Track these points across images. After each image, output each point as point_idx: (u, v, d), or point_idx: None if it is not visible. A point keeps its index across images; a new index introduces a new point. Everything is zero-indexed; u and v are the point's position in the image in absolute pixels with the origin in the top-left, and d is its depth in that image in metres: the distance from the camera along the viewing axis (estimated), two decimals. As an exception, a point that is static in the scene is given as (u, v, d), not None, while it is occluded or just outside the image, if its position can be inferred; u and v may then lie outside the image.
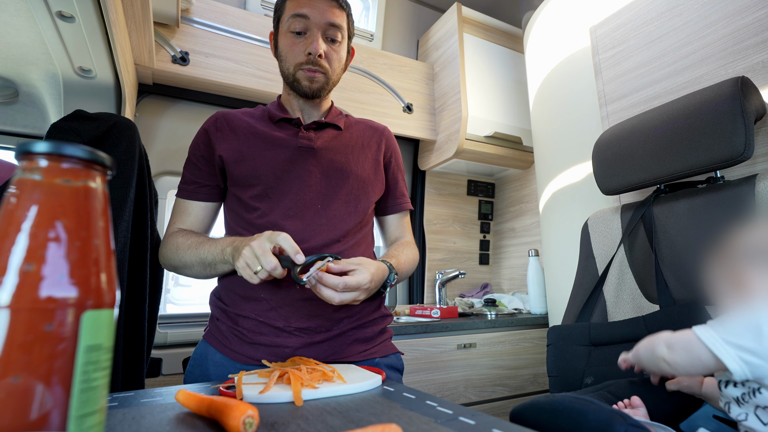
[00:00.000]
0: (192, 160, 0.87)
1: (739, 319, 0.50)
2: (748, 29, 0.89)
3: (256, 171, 0.83)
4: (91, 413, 0.28)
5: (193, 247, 0.79)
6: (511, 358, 1.59)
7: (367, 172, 0.91)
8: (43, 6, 0.74)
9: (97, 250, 0.29)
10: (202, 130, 0.89)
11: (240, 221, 0.85)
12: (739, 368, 0.47)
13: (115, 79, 1.03)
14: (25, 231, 0.27)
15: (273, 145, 0.85)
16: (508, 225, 2.23)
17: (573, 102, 1.40)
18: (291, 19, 0.85)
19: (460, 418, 0.44)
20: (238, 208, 0.85)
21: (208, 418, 0.44)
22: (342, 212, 0.86)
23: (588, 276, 1.04)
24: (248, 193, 0.83)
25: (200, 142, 0.88)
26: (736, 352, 0.47)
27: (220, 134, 0.86)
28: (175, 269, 0.84)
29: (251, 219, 0.83)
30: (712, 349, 0.49)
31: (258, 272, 0.66)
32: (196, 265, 0.79)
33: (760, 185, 0.77)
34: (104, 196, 0.31)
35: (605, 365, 0.87)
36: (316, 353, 0.77)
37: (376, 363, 0.83)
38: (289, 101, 0.91)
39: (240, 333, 0.79)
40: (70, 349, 0.27)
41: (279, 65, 0.90)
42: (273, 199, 0.82)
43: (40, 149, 0.28)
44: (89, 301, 0.28)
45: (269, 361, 0.74)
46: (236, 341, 0.79)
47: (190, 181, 0.87)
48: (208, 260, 0.77)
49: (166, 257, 0.84)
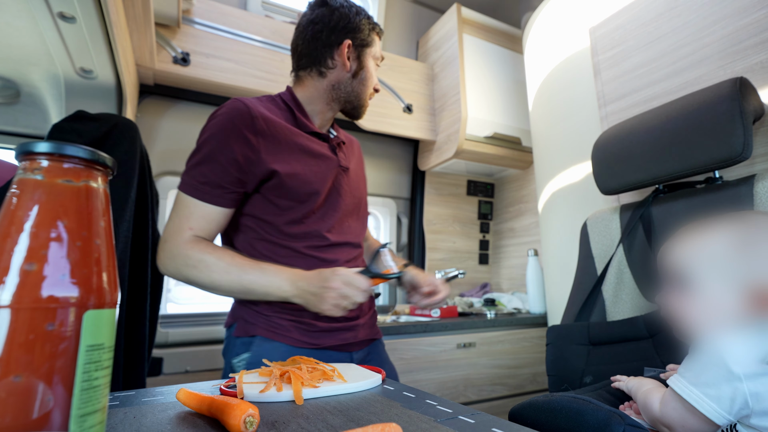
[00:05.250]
0: (220, 160, 0.77)
1: (705, 365, 0.47)
2: (746, 30, 0.89)
3: (313, 188, 0.84)
4: (92, 412, 0.28)
5: (234, 272, 0.75)
6: (511, 358, 1.59)
7: (366, 188, 1.01)
8: (44, 7, 0.74)
9: (99, 250, 0.30)
10: (236, 129, 0.78)
11: (272, 231, 0.83)
12: (726, 421, 0.46)
13: (116, 79, 1.04)
14: (26, 231, 0.27)
15: (320, 161, 0.87)
16: (508, 225, 2.23)
17: (572, 102, 1.40)
18: (377, 52, 0.95)
19: (460, 417, 0.45)
20: (273, 218, 0.83)
21: (209, 417, 0.44)
22: (359, 228, 0.94)
23: (587, 276, 1.04)
24: (294, 206, 0.83)
25: (235, 143, 0.78)
26: (719, 405, 0.45)
27: (264, 141, 0.80)
28: (195, 284, 0.77)
29: (289, 230, 0.83)
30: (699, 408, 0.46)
31: (346, 307, 0.74)
32: (238, 293, 0.77)
33: (758, 185, 0.77)
34: (105, 196, 0.32)
35: (604, 364, 0.88)
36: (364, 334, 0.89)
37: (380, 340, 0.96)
38: (321, 110, 0.92)
39: (306, 323, 0.82)
40: (71, 348, 0.27)
41: (348, 81, 0.91)
42: (317, 215, 0.85)
43: (41, 149, 0.28)
44: (90, 300, 0.28)
45: (335, 344, 0.83)
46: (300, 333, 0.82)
47: (215, 184, 0.78)
48: (256, 291, 0.77)
49: (181, 271, 0.76)
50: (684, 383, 0.48)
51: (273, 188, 0.81)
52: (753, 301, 0.49)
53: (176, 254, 0.77)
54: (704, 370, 0.47)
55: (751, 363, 0.44)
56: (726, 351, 0.46)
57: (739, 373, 0.44)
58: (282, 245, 0.83)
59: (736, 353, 0.45)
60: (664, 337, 0.82)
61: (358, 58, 0.92)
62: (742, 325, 0.49)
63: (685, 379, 0.49)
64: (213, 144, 0.78)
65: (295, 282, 0.76)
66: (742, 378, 0.44)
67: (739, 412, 0.45)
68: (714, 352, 0.47)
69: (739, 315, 0.50)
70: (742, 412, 0.45)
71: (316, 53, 0.90)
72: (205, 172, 0.78)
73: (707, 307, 0.52)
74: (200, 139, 0.81)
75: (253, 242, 0.84)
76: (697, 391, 0.47)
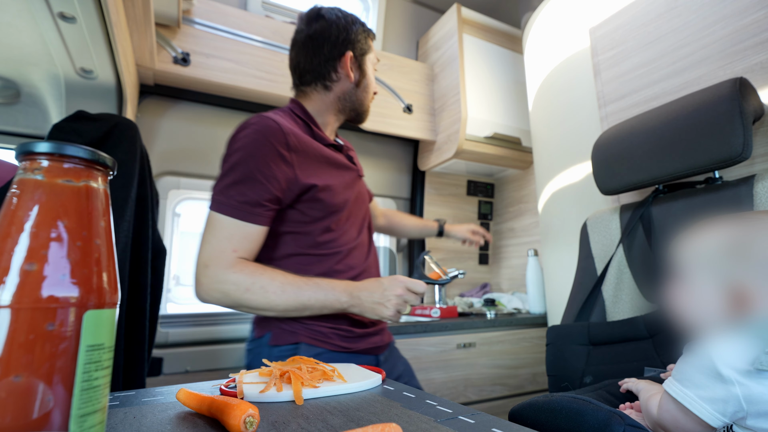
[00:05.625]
0: (259, 179, 0.77)
1: (697, 367, 0.47)
2: (746, 30, 0.89)
3: (343, 197, 0.88)
4: (92, 412, 0.28)
5: (290, 290, 0.77)
6: (511, 358, 1.59)
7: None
8: (44, 7, 0.74)
9: (99, 250, 0.30)
10: (272, 147, 0.79)
11: (308, 243, 0.85)
12: (721, 423, 0.45)
13: (117, 79, 1.04)
14: (26, 231, 0.27)
15: (344, 172, 0.91)
16: (508, 225, 2.23)
17: (572, 103, 1.40)
18: (373, 56, 0.98)
19: (460, 417, 0.45)
20: (308, 229, 0.85)
21: (209, 417, 0.44)
22: (371, 227, 1.02)
23: (587, 276, 1.04)
24: (329, 218, 0.86)
25: (272, 161, 0.78)
26: (713, 407, 0.45)
27: (297, 156, 0.82)
28: (248, 307, 0.77)
29: (324, 243, 0.86)
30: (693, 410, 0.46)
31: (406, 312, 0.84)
32: (293, 310, 0.79)
33: (758, 186, 0.77)
34: (106, 196, 0.32)
35: (604, 365, 0.88)
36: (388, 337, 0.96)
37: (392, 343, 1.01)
38: (330, 121, 0.96)
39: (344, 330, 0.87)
40: (71, 348, 0.27)
41: (353, 91, 0.95)
42: (348, 223, 0.90)
43: (41, 149, 0.28)
44: (91, 300, 0.28)
45: (367, 348, 0.88)
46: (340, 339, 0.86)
47: (255, 203, 0.77)
48: (314, 307, 0.79)
49: (231, 295, 0.75)
50: (677, 386, 0.49)
51: (308, 201, 0.83)
52: (732, 301, 0.50)
53: (224, 279, 0.75)
54: (696, 372, 0.47)
55: (741, 366, 0.44)
56: (716, 354, 0.46)
57: (730, 376, 0.44)
58: (314, 254, 0.86)
59: (726, 356, 0.45)
60: (664, 337, 0.82)
61: (359, 68, 0.95)
62: (729, 327, 0.49)
63: (678, 381, 0.49)
64: (250, 163, 0.77)
65: (352, 293, 0.80)
66: (733, 381, 0.44)
67: (735, 414, 0.45)
68: (704, 355, 0.47)
69: (721, 313, 0.51)
70: (737, 414, 0.45)
71: (320, 68, 0.91)
72: (244, 191, 0.77)
73: (696, 302, 0.54)
74: (233, 159, 0.79)
75: (288, 255, 0.85)
76: (690, 393, 0.47)
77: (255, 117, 0.83)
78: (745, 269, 0.50)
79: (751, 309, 0.49)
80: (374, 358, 0.91)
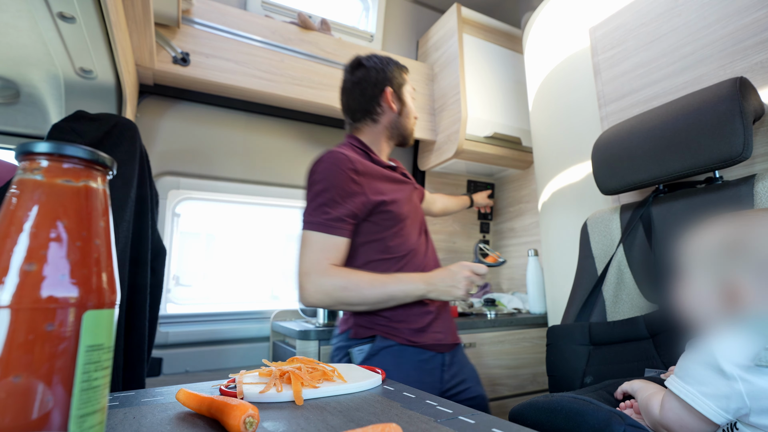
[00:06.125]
0: (338, 200, 0.94)
1: (699, 363, 0.47)
2: (746, 30, 0.89)
3: (407, 207, 1.06)
4: (92, 413, 0.28)
5: (377, 285, 0.93)
6: (511, 358, 1.59)
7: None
8: (44, 7, 0.74)
9: (98, 250, 0.30)
10: (345, 173, 0.96)
11: (381, 249, 1.01)
12: (724, 420, 0.46)
13: (116, 79, 1.03)
14: (26, 231, 0.27)
15: (403, 186, 1.09)
16: (508, 225, 2.23)
17: (572, 102, 1.40)
18: (409, 86, 1.15)
19: (460, 418, 0.45)
20: (381, 236, 1.01)
21: (209, 417, 0.44)
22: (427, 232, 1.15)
23: (587, 276, 1.04)
24: (397, 225, 1.02)
25: (345, 184, 0.95)
26: (715, 403, 0.45)
27: (364, 179, 0.99)
28: (346, 303, 0.92)
29: (394, 247, 1.01)
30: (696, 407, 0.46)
31: (473, 292, 0.97)
32: (382, 302, 0.94)
33: (758, 185, 0.77)
34: (105, 197, 0.32)
35: (604, 365, 0.88)
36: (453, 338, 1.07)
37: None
38: (383, 148, 1.13)
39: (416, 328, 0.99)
40: (71, 348, 0.27)
41: (397, 119, 1.12)
42: (408, 228, 1.05)
43: (41, 149, 0.28)
44: (90, 300, 0.28)
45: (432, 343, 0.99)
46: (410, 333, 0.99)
47: (339, 219, 0.94)
48: (398, 297, 0.94)
49: (333, 295, 0.90)
50: (680, 383, 0.48)
51: (380, 213, 1.00)
52: (726, 298, 0.51)
53: (324, 282, 0.91)
54: (698, 368, 0.47)
55: (743, 362, 0.44)
56: (717, 350, 0.46)
57: (732, 372, 0.44)
58: (387, 258, 1.01)
59: (728, 352, 0.45)
60: (665, 337, 0.82)
61: (399, 99, 1.12)
62: (729, 323, 0.49)
63: (681, 378, 0.49)
64: (330, 189, 0.95)
65: (428, 281, 0.95)
66: (736, 377, 0.44)
67: (738, 410, 0.45)
68: (706, 351, 0.47)
69: (717, 310, 0.52)
70: (740, 411, 0.45)
71: (367, 106, 1.10)
72: (328, 211, 0.94)
73: (695, 299, 0.54)
74: (316, 188, 0.96)
75: (366, 262, 1.00)
76: (693, 389, 0.47)
77: (326, 152, 1.00)
78: (737, 266, 0.51)
79: (743, 305, 0.49)
80: (440, 358, 1.00)
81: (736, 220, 0.55)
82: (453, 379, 1.01)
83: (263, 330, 1.65)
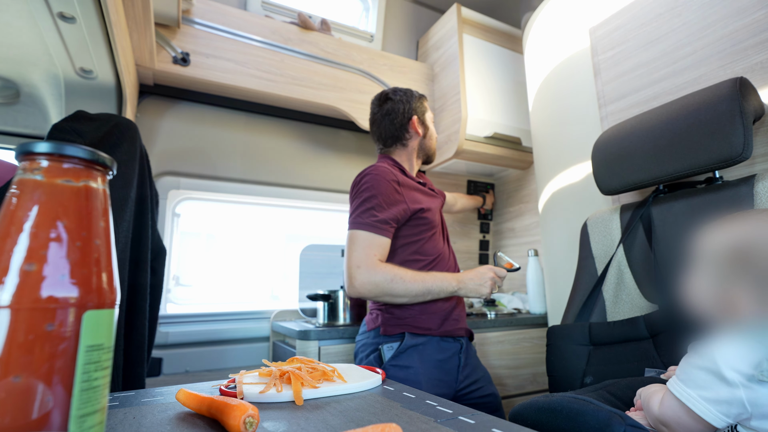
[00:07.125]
0: (383, 205, 1.09)
1: (701, 368, 0.47)
2: (746, 30, 0.89)
3: (438, 215, 1.22)
4: (92, 413, 0.28)
5: (419, 280, 1.06)
6: (511, 358, 1.59)
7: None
8: (44, 7, 0.74)
9: (98, 250, 0.30)
10: (389, 183, 1.11)
11: (415, 251, 1.14)
12: (724, 423, 0.46)
13: (116, 79, 1.03)
14: (26, 231, 0.27)
15: (433, 197, 1.25)
16: (508, 225, 2.23)
17: (572, 103, 1.40)
18: (431, 115, 1.32)
19: (460, 418, 0.45)
20: (418, 238, 1.15)
21: (209, 417, 0.44)
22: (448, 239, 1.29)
23: (587, 276, 1.04)
24: (430, 231, 1.17)
25: (390, 193, 1.10)
26: (717, 408, 0.45)
27: (404, 189, 1.14)
28: (392, 294, 1.04)
29: (426, 249, 1.15)
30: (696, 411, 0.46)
31: (498, 289, 1.14)
32: (420, 295, 1.06)
33: (758, 185, 0.77)
34: (105, 197, 0.32)
35: (605, 365, 0.88)
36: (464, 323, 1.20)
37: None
38: (413, 168, 1.30)
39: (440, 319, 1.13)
40: (71, 348, 0.27)
41: (422, 142, 1.29)
42: (436, 233, 1.20)
43: (41, 149, 0.28)
44: (90, 300, 0.28)
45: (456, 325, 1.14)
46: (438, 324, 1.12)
47: (384, 221, 1.07)
48: (434, 291, 1.07)
49: (381, 286, 1.03)
50: (681, 386, 0.49)
51: (416, 219, 1.14)
52: (728, 304, 0.51)
53: (374, 274, 1.03)
54: (700, 373, 0.47)
55: (745, 370, 0.44)
56: (720, 356, 0.46)
57: (734, 379, 0.44)
58: (419, 259, 1.14)
59: (730, 359, 0.45)
60: (665, 337, 0.82)
61: (422, 124, 1.29)
62: (732, 329, 0.49)
63: (682, 381, 0.49)
64: (377, 195, 1.09)
65: (459, 279, 1.10)
66: (738, 384, 0.44)
67: (738, 416, 0.45)
68: (708, 356, 0.47)
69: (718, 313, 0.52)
70: (741, 416, 0.45)
71: (397, 133, 1.26)
72: (375, 214, 1.07)
73: (699, 297, 0.55)
74: (364, 195, 1.10)
75: (403, 261, 1.12)
76: (693, 393, 0.47)
77: (371, 167, 1.16)
78: (741, 275, 0.51)
79: (744, 315, 0.49)
80: (457, 344, 1.14)
81: (745, 224, 0.54)
82: (467, 379, 1.12)
83: (263, 330, 1.65)
